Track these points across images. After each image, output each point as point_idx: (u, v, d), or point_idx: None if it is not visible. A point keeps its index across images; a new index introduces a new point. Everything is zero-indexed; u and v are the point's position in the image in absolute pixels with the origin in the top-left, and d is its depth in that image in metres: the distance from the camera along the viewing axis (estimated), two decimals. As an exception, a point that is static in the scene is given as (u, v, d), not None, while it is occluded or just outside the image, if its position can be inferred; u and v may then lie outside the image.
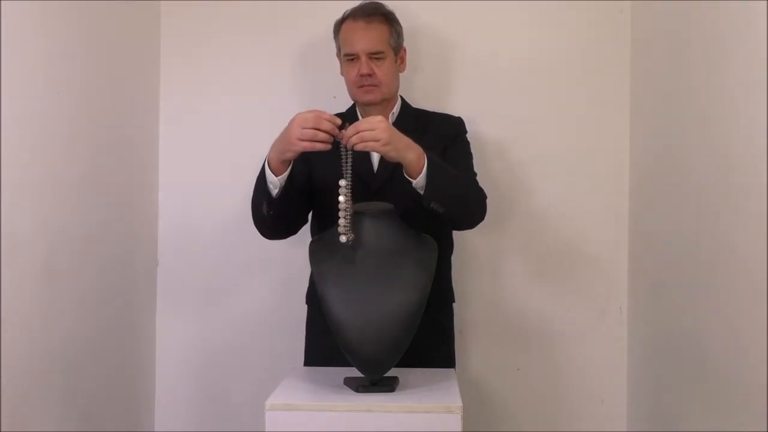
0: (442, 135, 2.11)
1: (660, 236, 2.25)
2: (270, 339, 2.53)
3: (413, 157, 1.79)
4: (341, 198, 1.70)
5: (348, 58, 2.09)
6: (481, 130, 2.43)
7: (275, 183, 1.85)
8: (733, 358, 1.76)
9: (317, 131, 1.72)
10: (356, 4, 2.16)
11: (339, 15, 2.15)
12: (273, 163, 1.84)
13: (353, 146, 1.72)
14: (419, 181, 1.80)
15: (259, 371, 2.49)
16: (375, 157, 2.06)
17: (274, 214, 1.91)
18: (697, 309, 1.97)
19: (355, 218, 1.74)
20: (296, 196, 1.94)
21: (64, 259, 1.98)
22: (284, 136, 1.78)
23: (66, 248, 1.99)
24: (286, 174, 1.85)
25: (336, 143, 1.74)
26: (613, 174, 2.51)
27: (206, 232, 2.55)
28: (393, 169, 1.97)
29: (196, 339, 2.56)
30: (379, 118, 1.76)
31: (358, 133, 1.72)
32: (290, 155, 1.79)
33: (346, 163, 1.72)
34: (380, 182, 2.04)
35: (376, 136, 1.73)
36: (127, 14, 2.34)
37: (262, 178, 1.88)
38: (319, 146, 1.73)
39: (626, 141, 2.50)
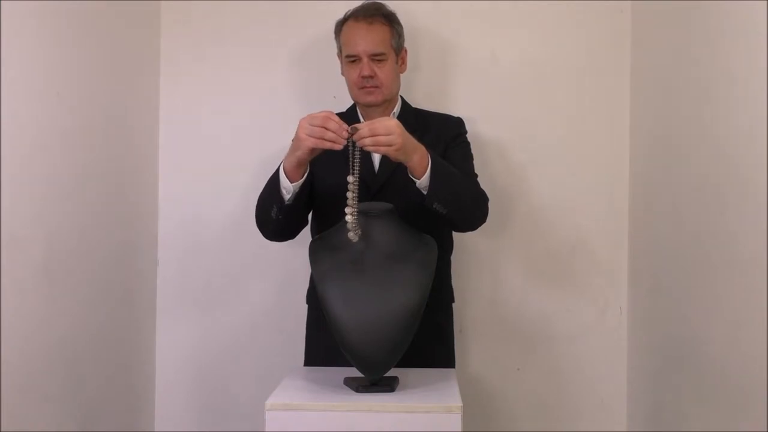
0: (442, 135, 2.11)
1: (660, 236, 2.25)
2: (270, 339, 2.53)
3: (418, 158, 1.79)
4: (349, 194, 1.70)
5: (349, 59, 2.09)
6: (480, 130, 2.43)
7: (289, 188, 1.86)
8: (733, 358, 1.76)
9: (325, 130, 1.72)
10: (357, 4, 2.16)
11: (340, 15, 2.15)
12: (288, 169, 1.85)
13: (364, 147, 1.72)
14: (423, 182, 1.81)
15: (259, 371, 2.49)
16: (376, 158, 2.06)
17: (282, 219, 1.92)
18: (698, 309, 1.97)
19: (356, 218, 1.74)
20: (305, 201, 1.95)
21: (64, 259, 1.98)
22: (295, 135, 1.79)
23: (65, 248, 1.99)
24: (301, 181, 1.86)
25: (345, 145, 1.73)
26: (613, 174, 2.50)
27: (206, 232, 2.55)
28: (393, 170, 1.98)
29: (196, 339, 2.56)
30: (395, 122, 1.76)
31: (374, 136, 1.71)
32: (300, 154, 1.79)
33: (354, 158, 1.71)
34: (381, 183, 2.04)
35: (392, 141, 1.73)
36: (127, 14, 2.34)
37: (274, 183, 1.89)
38: (328, 144, 1.73)
39: (626, 141, 2.50)
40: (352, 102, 2.18)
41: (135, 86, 2.42)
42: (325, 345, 1.97)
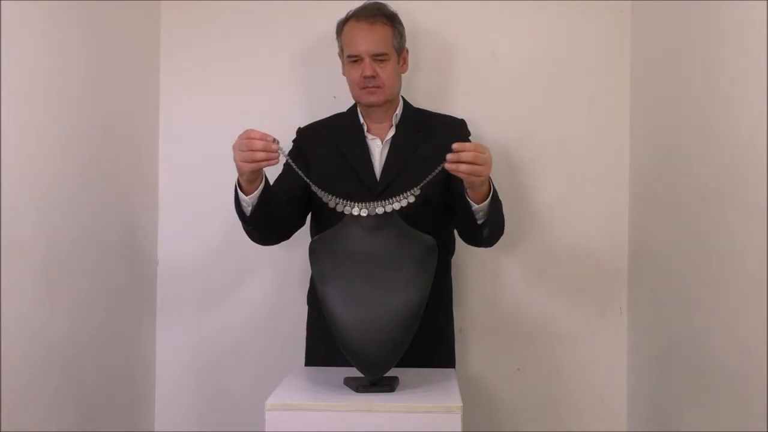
0: (448, 140, 2.09)
1: (660, 236, 2.25)
2: (270, 339, 2.53)
3: (485, 188, 1.87)
4: (396, 206, 1.75)
5: (351, 59, 2.09)
6: (481, 131, 2.43)
7: (247, 201, 1.88)
8: (733, 358, 1.76)
9: (253, 152, 1.74)
10: (359, 4, 2.16)
11: (341, 14, 2.15)
12: (242, 185, 1.87)
13: (456, 171, 1.76)
14: (481, 207, 1.88)
15: (259, 371, 2.49)
16: (377, 163, 2.08)
17: (253, 229, 1.96)
18: (698, 309, 1.97)
19: (355, 218, 1.75)
20: (275, 209, 1.95)
21: (64, 259, 1.98)
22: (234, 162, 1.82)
23: (65, 248, 1.99)
24: (256, 193, 1.87)
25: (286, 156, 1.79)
26: (613, 174, 2.50)
27: (206, 232, 2.55)
28: (395, 175, 1.99)
29: (196, 339, 2.56)
30: (489, 153, 1.80)
31: (473, 165, 1.75)
32: (246, 177, 1.83)
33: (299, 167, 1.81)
34: (383, 187, 2.03)
35: (484, 172, 1.79)
36: (127, 14, 2.34)
37: (235, 196, 1.90)
38: (264, 164, 1.76)
39: (626, 141, 2.50)
40: (353, 102, 2.18)
41: (135, 86, 2.42)
42: (325, 345, 1.97)
